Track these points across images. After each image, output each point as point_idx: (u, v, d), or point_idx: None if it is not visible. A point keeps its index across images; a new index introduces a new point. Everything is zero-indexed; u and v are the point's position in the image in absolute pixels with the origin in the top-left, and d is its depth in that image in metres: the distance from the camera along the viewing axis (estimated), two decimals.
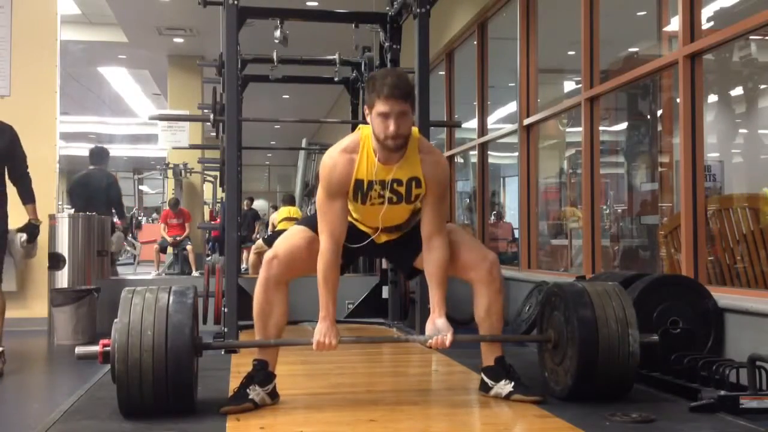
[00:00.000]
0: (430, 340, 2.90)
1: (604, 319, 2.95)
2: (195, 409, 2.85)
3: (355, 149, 2.89)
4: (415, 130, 2.92)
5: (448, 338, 2.86)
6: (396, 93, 2.76)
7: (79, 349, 2.87)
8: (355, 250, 3.07)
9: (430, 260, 2.95)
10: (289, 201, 10.24)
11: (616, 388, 3.01)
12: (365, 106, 2.89)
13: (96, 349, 2.79)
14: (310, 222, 3.04)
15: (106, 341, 2.77)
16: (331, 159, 2.90)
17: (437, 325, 2.91)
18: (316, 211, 3.02)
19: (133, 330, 2.70)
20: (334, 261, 2.89)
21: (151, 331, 2.70)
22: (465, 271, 3.03)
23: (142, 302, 2.77)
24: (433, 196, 2.93)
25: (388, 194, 2.89)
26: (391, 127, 2.75)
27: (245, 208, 12.13)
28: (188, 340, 2.74)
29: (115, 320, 2.75)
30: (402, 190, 2.90)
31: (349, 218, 3.00)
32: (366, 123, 2.90)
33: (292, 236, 3.06)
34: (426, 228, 2.95)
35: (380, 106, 2.77)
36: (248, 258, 9.69)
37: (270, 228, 10.07)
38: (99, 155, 7.30)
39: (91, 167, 7.20)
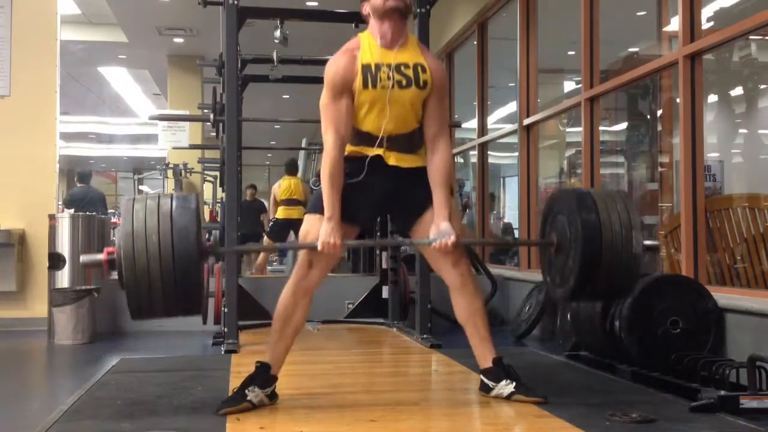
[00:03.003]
0: (434, 243, 2.90)
1: (608, 222, 2.91)
2: (201, 311, 2.89)
3: (356, 45, 3.00)
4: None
5: (452, 240, 2.88)
6: None
7: (84, 257, 2.84)
8: (363, 201, 2.97)
9: (433, 162, 2.99)
10: (291, 168, 9.23)
11: (618, 290, 2.99)
12: (363, 4, 3.04)
13: (101, 257, 2.76)
14: (321, 207, 2.91)
15: (110, 249, 2.74)
16: (334, 60, 2.99)
17: (441, 229, 2.92)
18: (317, 189, 2.98)
19: (137, 237, 2.64)
20: (340, 158, 2.90)
21: (156, 236, 2.63)
22: (437, 270, 3.12)
23: (144, 209, 2.70)
24: (435, 97, 2.99)
25: (396, 77, 2.92)
26: None
27: (248, 198, 10.43)
28: (194, 244, 2.68)
29: (118, 227, 2.70)
30: (410, 72, 2.94)
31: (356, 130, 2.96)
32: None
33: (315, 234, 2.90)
34: (429, 129, 3.00)
35: None
36: (254, 260, 9.51)
37: (272, 201, 9.18)
38: (87, 176, 9.58)
39: (80, 185, 9.33)
